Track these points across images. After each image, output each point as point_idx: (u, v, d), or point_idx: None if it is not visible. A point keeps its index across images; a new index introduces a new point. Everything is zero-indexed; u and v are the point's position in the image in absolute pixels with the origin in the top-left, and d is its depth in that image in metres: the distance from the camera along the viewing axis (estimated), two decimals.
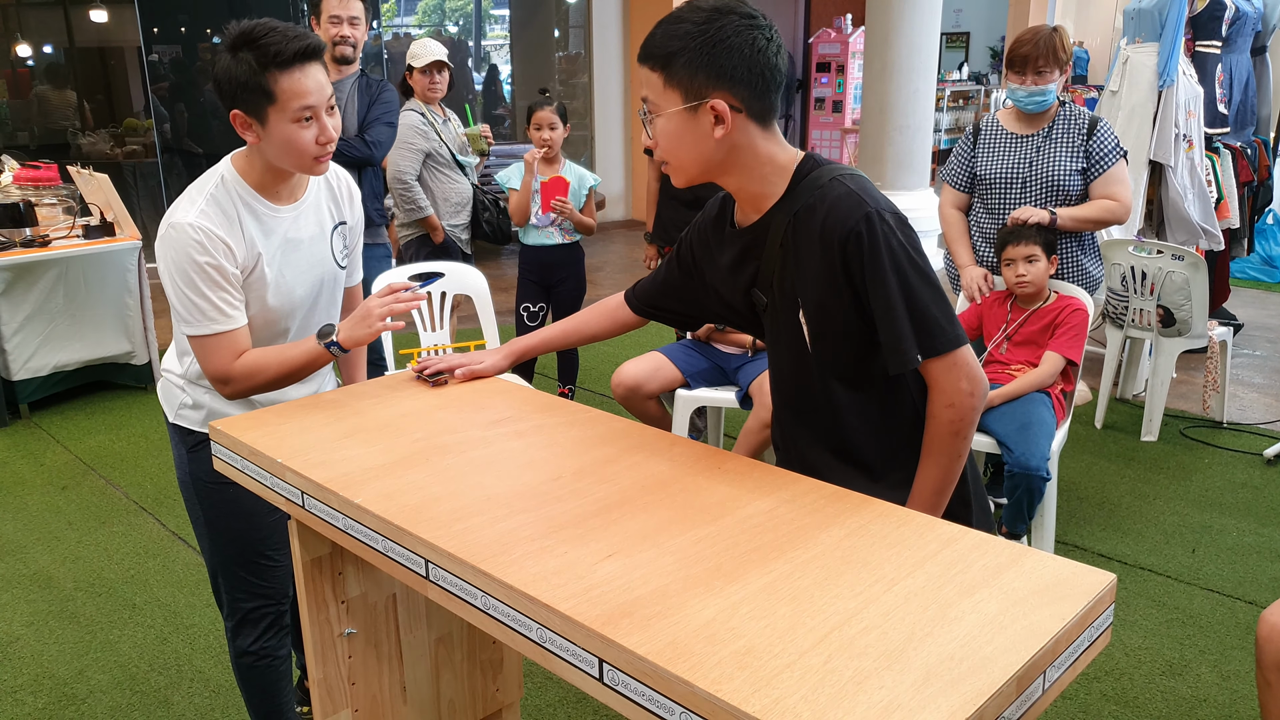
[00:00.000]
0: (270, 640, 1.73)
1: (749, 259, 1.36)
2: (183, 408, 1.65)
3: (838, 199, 1.24)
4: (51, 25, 7.46)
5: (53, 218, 4.16)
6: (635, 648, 0.88)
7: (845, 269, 1.24)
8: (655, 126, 1.27)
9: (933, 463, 1.31)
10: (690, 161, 1.27)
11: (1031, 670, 0.88)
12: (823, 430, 1.39)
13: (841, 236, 1.23)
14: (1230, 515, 2.96)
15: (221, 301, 1.49)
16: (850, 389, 1.34)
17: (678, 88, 1.22)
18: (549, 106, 3.43)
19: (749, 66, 1.21)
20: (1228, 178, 4.01)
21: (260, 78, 1.41)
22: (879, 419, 1.35)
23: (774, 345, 1.41)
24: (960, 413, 1.27)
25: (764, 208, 1.31)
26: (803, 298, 1.29)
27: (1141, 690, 2.15)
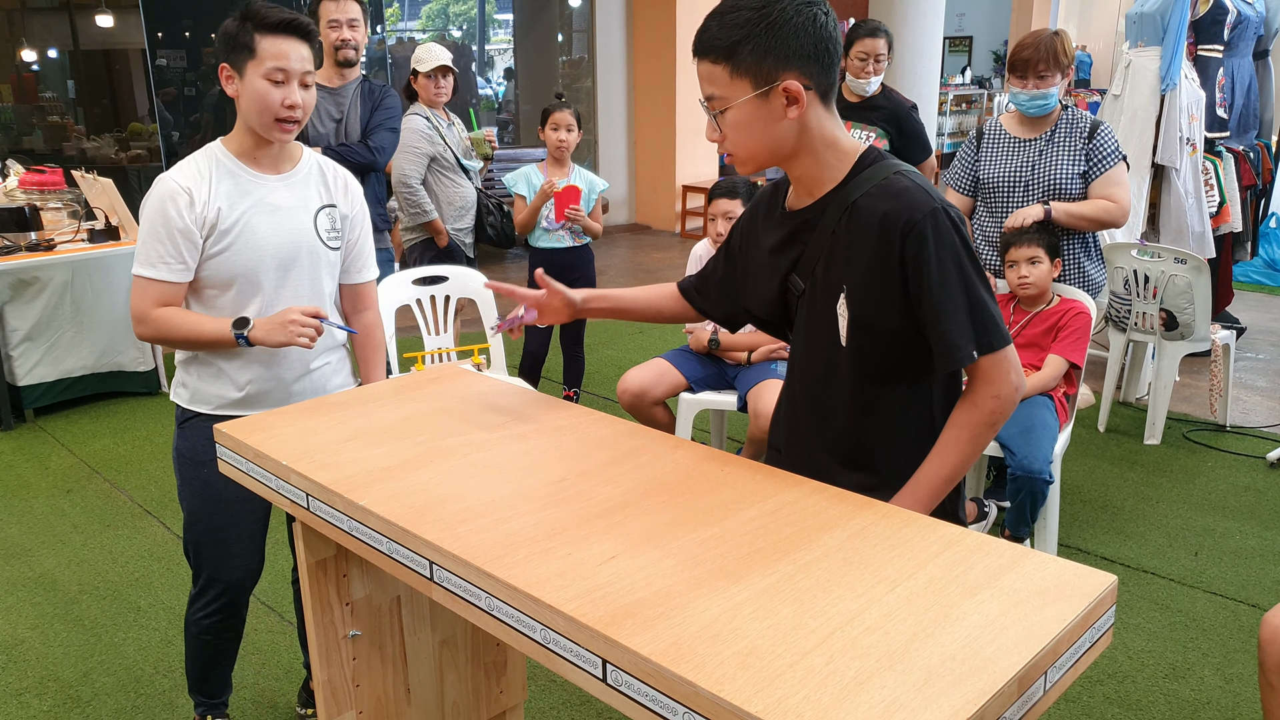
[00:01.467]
0: (217, 619, 1.82)
1: (795, 243, 1.35)
2: (177, 385, 1.77)
3: (904, 191, 1.25)
4: (56, 30, 7.50)
5: (58, 222, 4.18)
6: (638, 648, 0.88)
7: (902, 261, 1.24)
8: (724, 119, 1.26)
9: (957, 451, 1.30)
10: (762, 148, 1.27)
11: (1033, 671, 0.88)
12: (835, 429, 1.38)
13: (905, 228, 1.23)
14: (1233, 518, 2.96)
15: (166, 254, 1.62)
16: (876, 385, 1.33)
17: (747, 75, 1.23)
18: (567, 109, 3.44)
19: (815, 43, 1.23)
20: (1230, 181, 4.01)
21: (248, 35, 1.59)
22: (895, 420, 1.35)
23: (802, 337, 1.39)
24: (1004, 404, 1.28)
25: (819, 192, 1.32)
26: (848, 285, 1.28)
27: (1144, 693, 2.15)
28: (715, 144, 1.32)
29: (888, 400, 1.34)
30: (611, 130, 8.03)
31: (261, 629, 2.43)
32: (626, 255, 7.14)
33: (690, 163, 7.97)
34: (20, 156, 5.73)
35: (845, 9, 10.09)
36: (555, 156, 3.48)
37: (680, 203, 7.93)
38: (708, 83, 1.27)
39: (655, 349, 4.62)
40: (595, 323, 5.23)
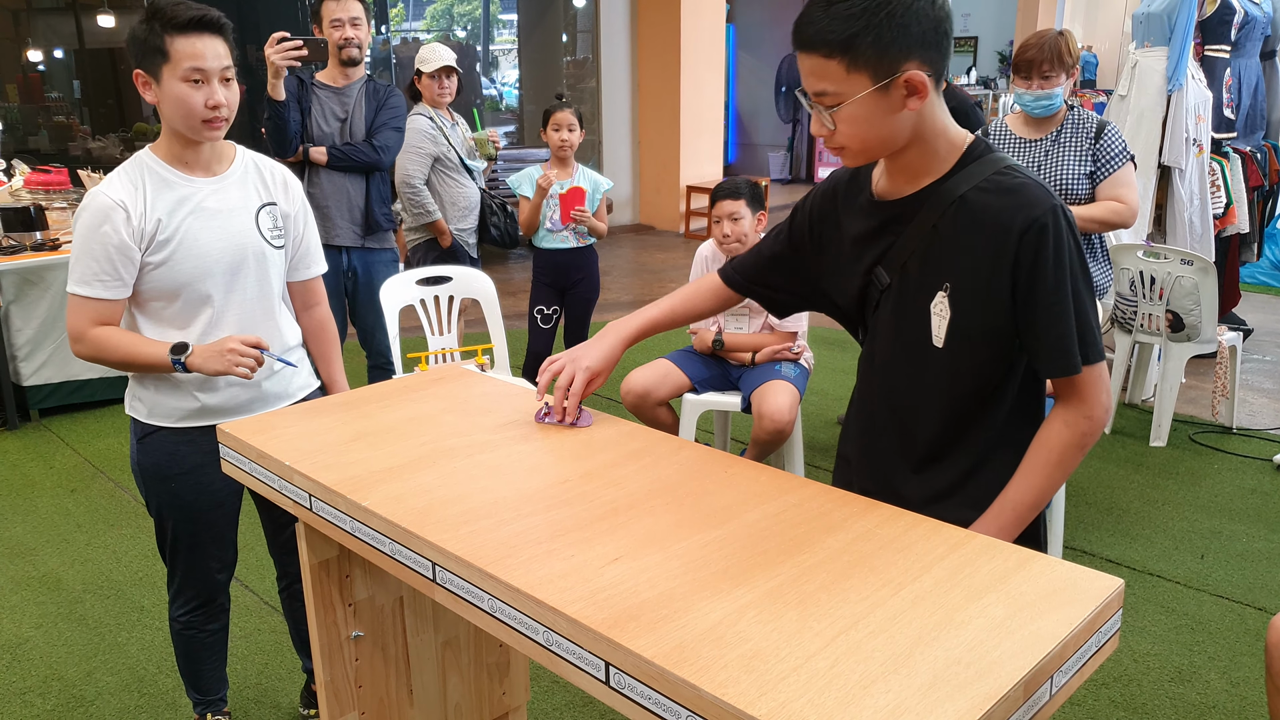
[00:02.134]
0: (197, 616, 1.83)
1: (885, 234, 1.27)
2: (132, 399, 1.74)
3: (1020, 187, 1.18)
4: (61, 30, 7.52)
5: (63, 222, 4.19)
6: (642, 651, 0.88)
7: (1016, 261, 1.17)
8: (839, 115, 1.17)
9: (1044, 475, 1.22)
10: (877, 141, 1.19)
11: (1039, 675, 0.87)
12: (915, 435, 1.30)
13: (1023, 226, 1.16)
14: (1239, 521, 2.95)
15: (102, 271, 1.58)
16: (965, 391, 1.26)
17: (865, 69, 1.14)
18: (568, 109, 3.44)
19: (934, 27, 1.15)
20: (1236, 182, 3.99)
21: (158, 38, 1.54)
22: (979, 430, 1.28)
23: (883, 335, 1.31)
24: (1095, 426, 1.22)
25: (920, 183, 1.24)
26: (951, 284, 1.21)
27: (1150, 697, 2.14)
28: (820, 138, 1.22)
29: (974, 408, 1.27)
30: (616, 131, 8.03)
31: (264, 629, 2.44)
32: (630, 256, 7.14)
33: (694, 163, 7.96)
34: (26, 156, 5.75)
35: None
36: (559, 157, 3.47)
37: (684, 203, 7.92)
38: (818, 78, 1.17)
39: (659, 349, 4.61)
40: (599, 323, 5.23)
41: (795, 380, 2.79)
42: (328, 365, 1.90)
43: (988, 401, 1.27)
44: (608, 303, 5.75)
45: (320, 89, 3.14)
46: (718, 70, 8.04)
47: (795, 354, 2.86)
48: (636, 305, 5.68)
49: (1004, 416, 1.28)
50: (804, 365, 2.89)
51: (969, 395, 1.26)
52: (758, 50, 10.78)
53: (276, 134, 3.01)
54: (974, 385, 1.26)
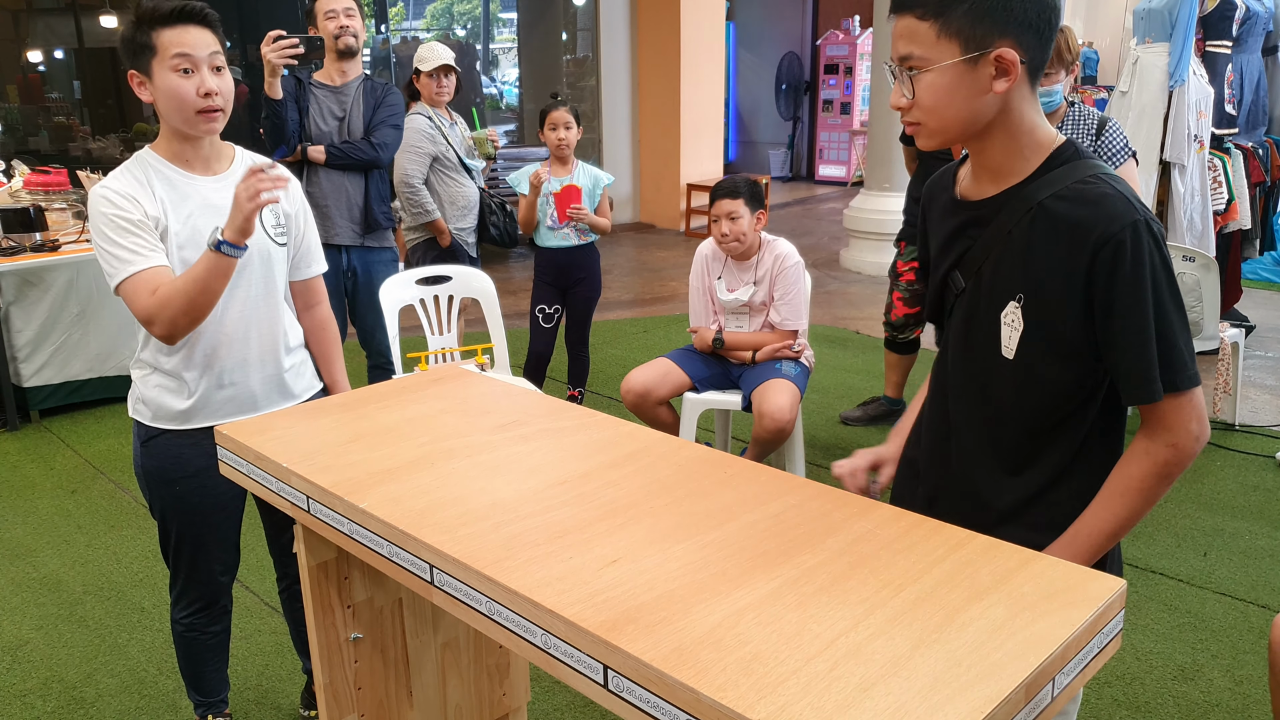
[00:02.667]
0: (200, 618, 1.82)
1: (963, 236, 1.23)
2: (136, 402, 1.72)
3: (1102, 197, 1.11)
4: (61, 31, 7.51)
5: (63, 223, 4.19)
6: (640, 654, 0.87)
7: (1090, 276, 1.11)
8: (921, 81, 1.13)
9: (1124, 503, 1.16)
10: (955, 121, 1.14)
11: (1040, 677, 0.87)
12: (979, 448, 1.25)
13: (1099, 240, 1.09)
14: (1242, 518, 2.94)
15: (132, 245, 1.56)
16: (1033, 403, 1.20)
17: (956, 37, 1.09)
18: (564, 107, 3.42)
19: (1039, 11, 1.10)
20: (1239, 178, 3.98)
21: (145, 35, 1.55)
22: (1048, 448, 1.21)
23: (956, 341, 1.26)
24: (1181, 456, 1.14)
25: (1003, 184, 1.19)
26: (1025, 294, 1.15)
27: (1153, 695, 2.13)
28: (898, 111, 1.17)
29: (1047, 427, 1.20)
30: (616, 129, 8.02)
31: (264, 630, 2.43)
32: (631, 254, 7.13)
33: (695, 161, 7.95)
34: (26, 157, 5.75)
35: (849, 7, 10.05)
36: (557, 156, 3.46)
37: (685, 201, 7.91)
38: (907, 40, 1.12)
39: (659, 348, 4.61)
40: (599, 322, 5.23)
41: (796, 379, 2.78)
42: (329, 366, 1.89)
43: (1064, 421, 1.20)
44: (609, 301, 5.74)
45: (318, 88, 3.13)
46: (718, 68, 8.03)
47: (796, 352, 2.85)
48: (637, 304, 5.69)
49: (1081, 438, 1.21)
50: (805, 364, 2.89)
51: (1041, 412, 1.20)
52: (758, 48, 10.76)
53: (274, 133, 3.00)
54: (1047, 402, 1.19)
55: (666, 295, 5.91)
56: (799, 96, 10.54)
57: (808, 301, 2.91)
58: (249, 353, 1.69)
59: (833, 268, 6.48)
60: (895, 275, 3.49)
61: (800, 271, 2.85)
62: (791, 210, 8.84)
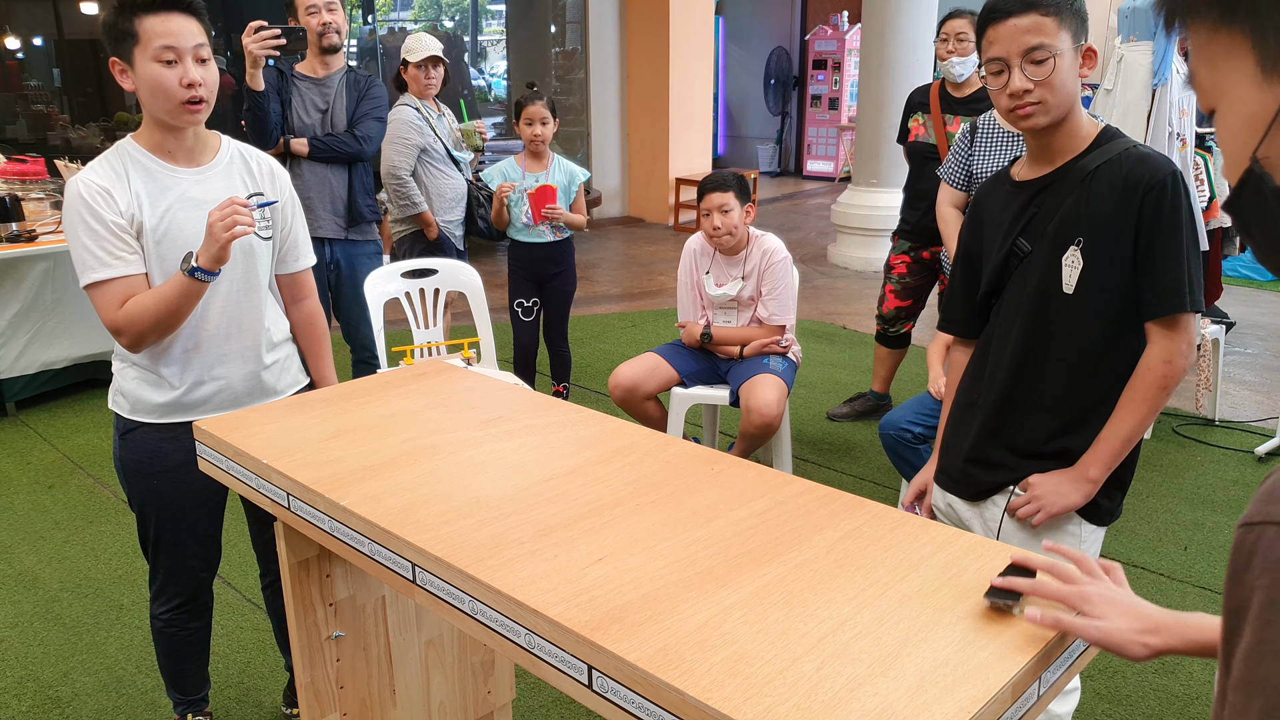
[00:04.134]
0: (179, 614, 1.80)
1: (1027, 209, 1.46)
2: (115, 394, 1.70)
3: (1145, 156, 1.39)
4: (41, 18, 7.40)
5: (40, 212, 4.12)
6: (625, 654, 0.86)
7: (1140, 213, 1.36)
8: (1053, 67, 1.37)
9: (1134, 411, 1.41)
10: (1070, 99, 1.39)
11: (1027, 676, 0.86)
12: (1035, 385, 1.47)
13: (1147, 184, 1.36)
14: (1222, 513, 2.96)
15: (103, 250, 1.53)
16: (1086, 334, 1.43)
17: (1069, 28, 1.37)
18: (539, 101, 3.38)
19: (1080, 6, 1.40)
20: (1220, 177, 4.00)
21: (127, 21, 1.51)
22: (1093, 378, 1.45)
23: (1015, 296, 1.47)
24: (1174, 371, 1.39)
25: (1059, 161, 1.44)
26: (1085, 237, 1.40)
27: (1134, 688, 2.15)
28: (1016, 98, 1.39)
29: (1094, 360, 1.44)
30: (604, 123, 7.98)
31: (246, 626, 2.41)
32: (620, 248, 7.11)
33: (683, 155, 7.93)
34: (3, 145, 5.66)
35: (838, 2, 10.05)
36: (532, 150, 3.42)
37: (673, 195, 7.89)
38: (1035, 33, 1.36)
39: (647, 343, 4.60)
40: (587, 316, 5.20)
41: (783, 374, 2.78)
42: (316, 360, 1.87)
43: (1108, 352, 1.44)
44: (598, 295, 5.72)
45: (300, 80, 3.09)
46: (707, 63, 8.01)
47: (784, 347, 2.85)
48: (625, 298, 5.68)
49: (1121, 367, 1.44)
50: (792, 359, 2.88)
51: (1094, 341, 1.43)
52: (747, 43, 10.74)
53: (256, 125, 2.96)
54: (1099, 334, 1.43)
55: (655, 290, 5.90)
56: (787, 91, 10.53)
57: (795, 296, 2.90)
58: (230, 348, 1.66)
59: (820, 263, 6.48)
60: (888, 269, 3.50)
61: (788, 266, 2.84)
62: (779, 205, 8.85)
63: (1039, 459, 1.49)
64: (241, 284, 1.66)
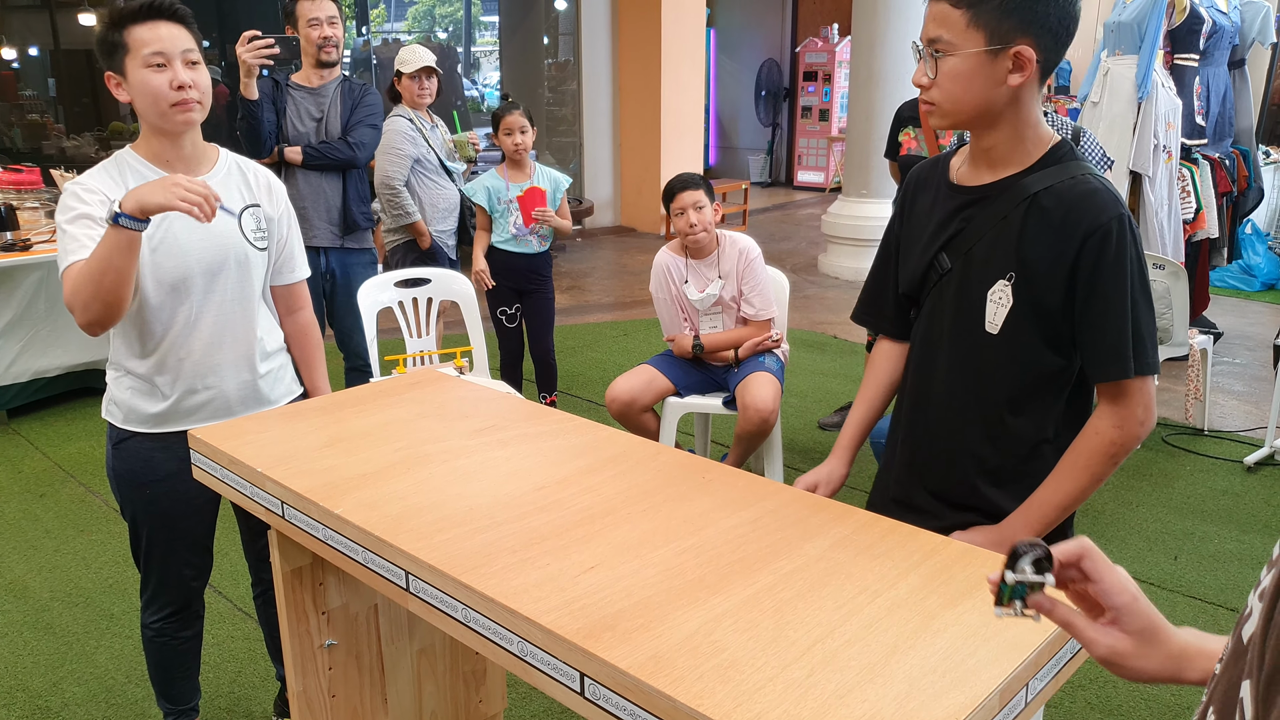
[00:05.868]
0: (170, 624, 1.79)
1: (955, 219, 1.31)
2: (108, 403, 1.70)
3: (1092, 192, 1.21)
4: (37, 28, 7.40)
5: (34, 222, 4.12)
6: (617, 661, 0.87)
7: (1077, 261, 1.21)
8: (945, 65, 1.21)
9: (1072, 478, 1.25)
10: (970, 106, 1.23)
11: (1015, 683, 0.88)
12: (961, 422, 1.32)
13: (1088, 229, 1.20)
14: (1211, 522, 2.99)
15: (84, 234, 1.51)
16: (1012, 377, 1.28)
17: (983, 29, 1.18)
18: (516, 110, 3.38)
19: (1060, 16, 1.19)
20: (1206, 188, 4.05)
21: (117, 34, 1.54)
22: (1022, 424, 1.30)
23: (937, 317, 1.34)
24: (1127, 439, 1.24)
25: (1001, 173, 1.28)
26: (1017, 274, 1.24)
27: (1125, 698, 2.16)
28: (919, 88, 1.26)
29: (1022, 403, 1.29)
30: (597, 133, 8.02)
31: (237, 635, 2.40)
32: (611, 257, 7.13)
33: (675, 165, 7.97)
34: None
35: (828, 15, 10.13)
36: (513, 160, 3.43)
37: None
38: (939, 24, 1.21)
39: (638, 351, 4.61)
40: (578, 325, 5.22)
41: (777, 372, 2.81)
42: (310, 371, 1.87)
43: (1038, 399, 1.28)
44: (589, 304, 5.74)
45: (295, 90, 3.10)
46: (698, 73, 8.06)
47: (775, 341, 2.87)
48: (617, 307, 5.69)
49: (1053, 421, 1.29)
50: (780, 357, 2.91)
51: (1020, 387, 1.28)
52: (738, 54, 10.82)
53: (250, 134, 2.98)
54: (1027, 378, 1.28)
55: (646, 299, 5.90)
56: (778, 103, 10.60)
57: (772, 287, 2.91)
58: (223, 357, 1.67)
59: (810, 273, 6.51)
60: None
61: (762, 261, 2.87)
62: (770, 215, 8.89)
63: (964, 510, 1.33)
64: (235, 294, 1.67)
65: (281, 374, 1.79)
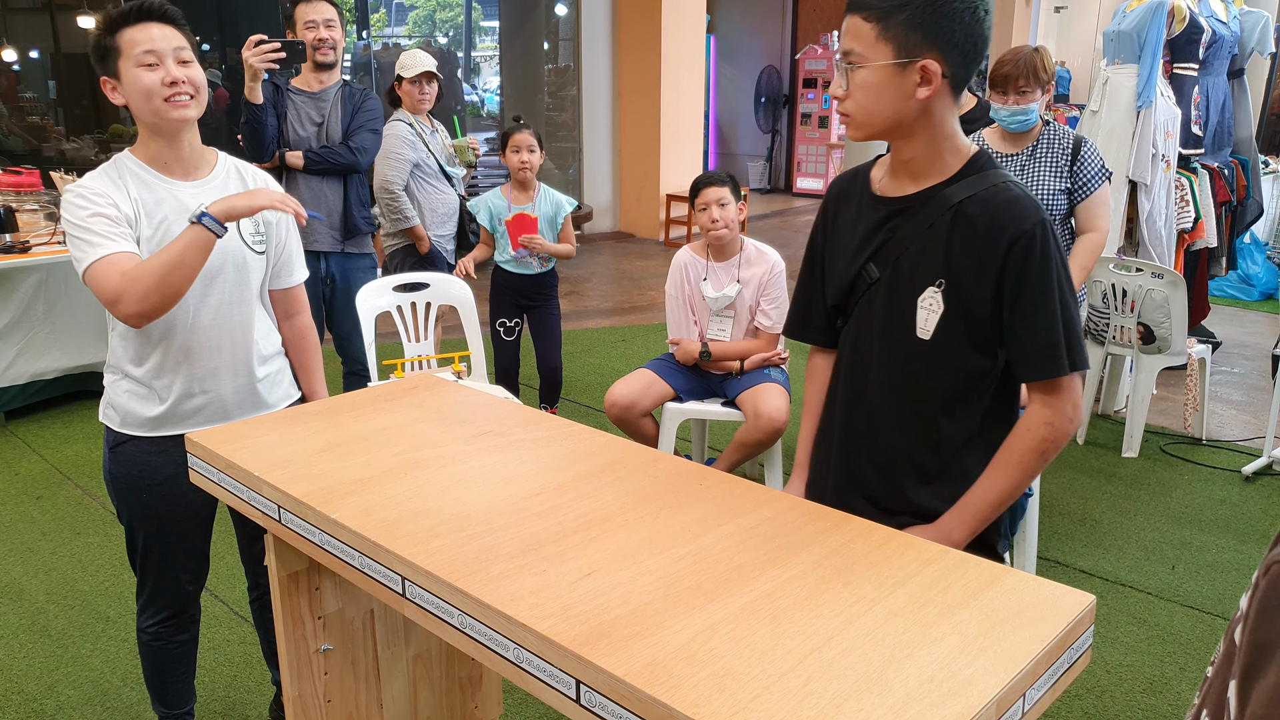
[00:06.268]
0: (166, 628, 1.79)
1: (880, 230, 1.34)
2: (106, 407, 1.70)
3: (1014, 200, 1.26)
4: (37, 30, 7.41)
5: (34, 224, 4.12)
6: (613, 669, 0.87)
7: (1003, 267, 1.25)
8: (857, 77, 1.26)
9: (1006, 475, 1.30)
10: (880, 117, 1.27)
11: (1011, 693, 0.87)
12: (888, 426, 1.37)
13: (1013, 235, 1.24)
14: (1209, 532, 2.98)
15: (103, 230, 1.53)
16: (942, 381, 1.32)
17: (892, 42, 1.22)
18: (526, 130, 3.35)
19: (967, 34, 1.23)
20: (1205, 197, 4.06)
21: (109, 38, 1.56)
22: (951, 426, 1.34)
23: (866, 326, 1.37)
24: (1057, 435, 1.28)
25: (923, 184, 1.32)
26: (946, 280, 1.29)
27: (1122, 708, 2.15)
28: (835, 101, 1.31)
29: (952, 405, 1.33)
30: (596, 138, 8.03)
31: (233, 640, 2.39)
32: (610, 263, 7.13)
33: (675, 171, 7.98)
34: None
35: (828, 21, 10.17)
36: (518, 179, 3.39)
37: (664, 211, 7.93)
38: (852, 37, 1.26)
39: (637, 357, 4.61)
40: (577, 331, 5.21)
41: (783, 383, 2.82)
42: (308, 375, 1.87)
43: (969, 400, 1.33)
44: (588, 310, 5.74)
45: (296, 94, 3.11)
46: (698, 79, 8.08)
47: (783, 358, 2.88)
48: (616, 312, 5.69)
49: (979, 420, 1.34)
50: (784, 370, 2.91)
51: (951, 390, 1.33)
52: (737, 61, 10.84)
53: (253, 138, 2.98)
54: (957, 381, 1.32)
55: (645, 304, 5.92)
56: (778, 110, 10.62)
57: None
58: (221, 361, 1.67)
59: None
60: None
61: (785, 277, 2.88)
62: (770, 222, 8.90)
63: (899, 514, 1.36)
64: (232, 296, 1.67)
65: (279, 378, 1.79)
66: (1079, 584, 2.63)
